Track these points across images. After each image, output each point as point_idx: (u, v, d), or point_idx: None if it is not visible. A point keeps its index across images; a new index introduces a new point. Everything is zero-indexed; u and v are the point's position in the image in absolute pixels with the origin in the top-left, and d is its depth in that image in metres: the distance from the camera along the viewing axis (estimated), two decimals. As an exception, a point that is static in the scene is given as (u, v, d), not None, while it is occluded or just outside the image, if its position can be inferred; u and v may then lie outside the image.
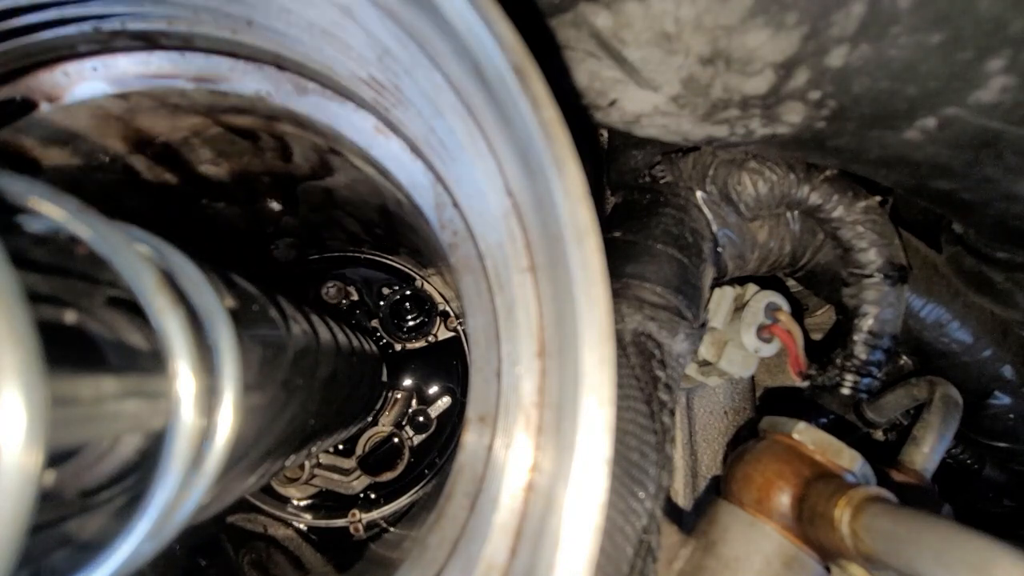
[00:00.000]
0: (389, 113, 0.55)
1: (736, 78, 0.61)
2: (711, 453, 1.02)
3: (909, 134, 0.61)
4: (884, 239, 0.82)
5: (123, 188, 0.73)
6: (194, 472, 0.37)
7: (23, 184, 0.34)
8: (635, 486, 0.64)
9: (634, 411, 0.67)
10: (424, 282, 1.32)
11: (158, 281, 0.35)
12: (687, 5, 0.55)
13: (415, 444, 1.27)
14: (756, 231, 0.88)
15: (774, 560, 0.75)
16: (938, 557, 0.56)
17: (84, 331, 0.38)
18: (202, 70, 0.60)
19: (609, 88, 0.69)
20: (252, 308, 0.54)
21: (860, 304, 0.84)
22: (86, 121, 0.63)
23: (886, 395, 0.98)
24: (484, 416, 0.48)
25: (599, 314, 0.38)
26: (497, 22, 0.41)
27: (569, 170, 0.39)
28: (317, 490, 1.24)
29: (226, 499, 0.56)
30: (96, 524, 0.39)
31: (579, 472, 0.38)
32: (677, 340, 0.75)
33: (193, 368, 0.35)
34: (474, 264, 0.51)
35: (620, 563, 0.61)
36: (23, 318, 0.24)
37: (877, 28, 0.52)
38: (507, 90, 0.41)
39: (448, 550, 0.47)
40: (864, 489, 0.69)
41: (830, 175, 0.81)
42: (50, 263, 0.38)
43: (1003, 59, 0.51)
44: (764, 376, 1.20)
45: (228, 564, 1.07)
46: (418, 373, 1.30)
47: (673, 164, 0.87)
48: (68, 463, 0.37)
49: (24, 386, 0.23)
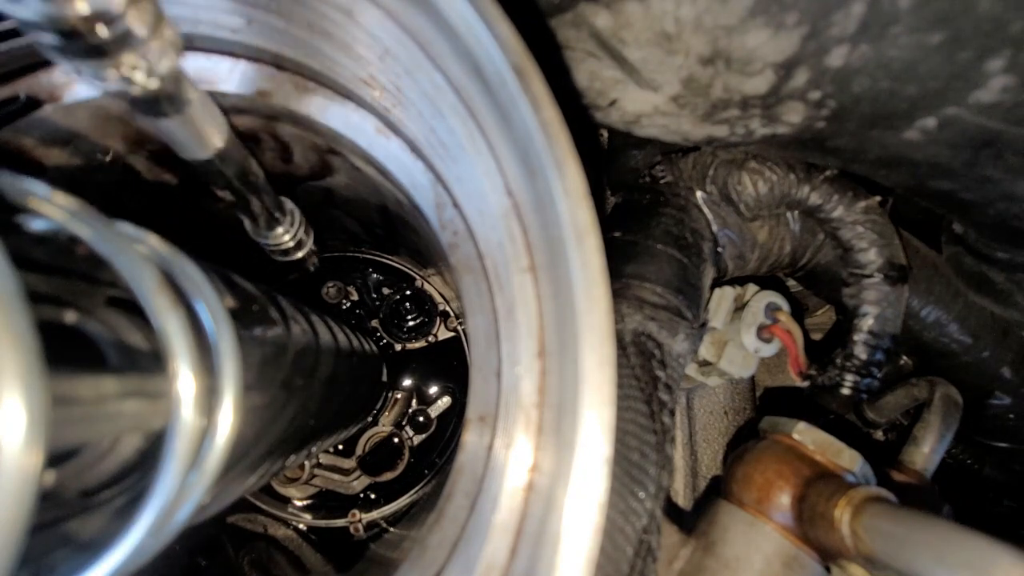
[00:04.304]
0: (389, 113, 0.55)
1: (736, 78, 0.61)
2: (711, 453, 1.02)
3: (909, 134, 0.61)
4: (884, 239, 0.82)
5: (123, 188, 0.73)
6: (194, 472, 0.37)
7: (23, 184, 0.34)
8: (635, 486, 0.64)
9: (634, 411, 0.67)
10: (424, 282, 1.32)
11: (158, 281, 0.35)
12: (687, 5, 0.55)
13: (415, 444, 1.27)
14: (756, 231, 0.88)
15: (774, 560, 0.75)
16: (938, 557, 0.56)
17: (84, 331, 0.38)
18: (202, 70, 0.60)
19: (609, 88, 0.69)
20: (252, 308, 0.54)
21: (860, 304, 0.84)
22: (86, 121, 0.63)
23: (886, 395, 0.98)
24: (484, 416, 0.48)
25: (599, 314, 0.38)
26: (497, 22, 0.41)
27: (569, 170, 0.39)
28: (317, 490, 1.24)
29: (226, 499, 0.56)
30: (96, 524, 0.39)
31: (579, 472, 0.38)
32: (677, 340, 0.75)
33: (193, 368, 0.35)
34: (474, 264, 0.51)
35: (620, 563, 0.61)
36: (23, 318, 0.24)
37: (877, 28, 0.52)
38: (507, 90, 0.41)
39: (448, 550, 0.47)
40: (864, 489, 0.69)
41: (830, 175, 0.81)
42: (50, 263, 0.38)
43: (1003, 59, 0.51)
44: (764, 376, 1.20)
45: (228, 564, 1.07)
46: (418, 373, 1.30)
47: (673, 164, 0.87)
48: (68, 463, 0.37)
49: (24, 386, 0.23)
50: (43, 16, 0.33)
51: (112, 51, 0.36)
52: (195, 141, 0.51)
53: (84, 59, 0.36)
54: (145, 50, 0.38)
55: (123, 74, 0.38)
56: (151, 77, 0.39)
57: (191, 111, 0.47)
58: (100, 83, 0.38)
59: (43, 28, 0.33)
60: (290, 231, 0.75)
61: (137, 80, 0.39)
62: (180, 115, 0.46)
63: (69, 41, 0.35)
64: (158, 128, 0.48)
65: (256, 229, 0.72)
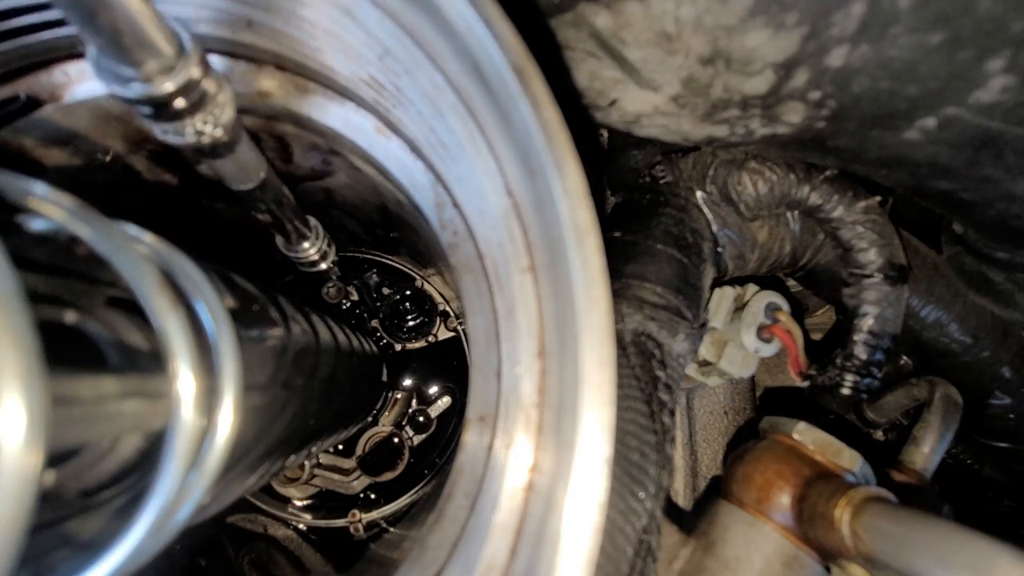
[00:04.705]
0: (389, 113, 0.55)
1: (736, 78, 0.61)
2: (711, 453, 1.02)
3: (909, 134, 0.61)
4: (884, 239, 0.82)
5: (123, 188, 0.73)
6: (194, 472, 0.37)
7: (23, 184, 0.34)
8: (635, 486, 0.64)
9: (634, 411, 0.67)
10: (424, 282, 1.32)
11: (158, 281, 0.35)
12: (687, 5, 0.55)
13: (415, 444, 1.27)
14: (756, 231, 0.88)
15: (774, 560, 0.75)
16: (938, 557, 0.56)
17: (84, 331, 0.38)
18: (202, 70, 0.60)
19: (609, 88, 0.69)
20: (252, 308, 0.54)
21: (860, 304, 0.84)
22: (86, 121, 0.63)
23: (886, 395, 0.98)
24: (484, 416, 0.48)
25: (599, 314, 0.38)
26: (497, 22, 0.41)
27: (569, 170, 0.39)
28: (317, 490, 1.24)
29: (226, 499, 0.56)
30: (96, 524, 0.39)
31: (579, 472, 0.38)
32: (677, 340, 0.75)
33: (193, 368, 0.35)
34: (474, 264, 0.51)
35: (620, 563, 0.61)
36: (23, 318, 0.24)
37: (877, 28, 0.52)
38: (507, 90, 0.41)
39: (448, 550, 0.47)
40: (864, 489, 0.69)
41: (830, 175, 0.81)
42: (50, 263, 0.38)
43: (1003, 59, 0.51)
44: (764, 376, 1.20)
45: (228, 564, 1.07)
46: (418, 373, 1.30)
47: (673, 164, 0.87)
48: (68, 463, 0.37)
49: (24, 386, 0.23)
50: (142, 95, 0.42)
51: (189, 114, 0.46)
52: (243, 175, 0.60)
53: (169, 122, 0.46)
54: (212, 108, 0.47)
55: (197, 129, 0.47)
56: (216, 128, 0.48)
57: (240, 150, 0.55)
58: (179, 138, 0.48)
59: (142, 103, 0.43)
60: (315, 244, 0.83)
61: (207, 132, 0.48)
62: (232, 154, 0.54)
63: (159, 110, 0.44)
64: (214, 167, 0.56)
65: (288, 245, 0.81)
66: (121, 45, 0.39)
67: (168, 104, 0.44)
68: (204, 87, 0.45)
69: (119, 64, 0.41)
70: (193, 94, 0.44)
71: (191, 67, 0.43)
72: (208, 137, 0.48)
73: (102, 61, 0.41)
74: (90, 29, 0.38)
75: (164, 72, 0.42)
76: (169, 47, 0.41)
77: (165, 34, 0.41)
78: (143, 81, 0.42)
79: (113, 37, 0.38)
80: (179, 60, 0.42)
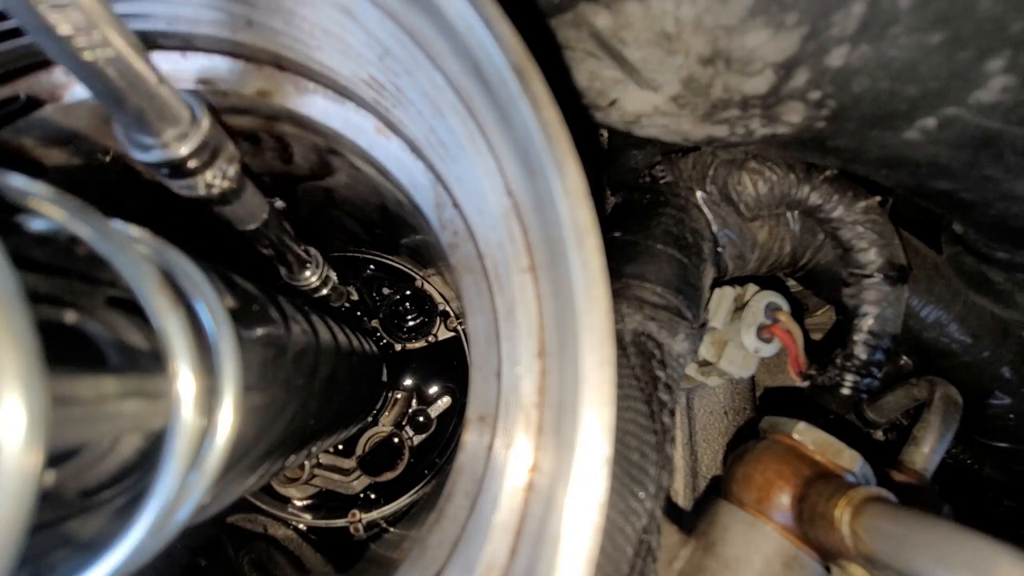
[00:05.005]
0: (389, 113, 0.55)
1: (736, 78, 0.61)
2: (711, 453, 1.02)
3: (909, 134, 0.61)
4: (884, 239, 0.82)
5: (123, 188, 0.73)
6: (194, 472, 0.37)
7: (23, 184, 0.34)
8: (635, 486, 0.64)
9: (634, 411, 0.67)
10: (424, 282, 1.32)
11: (158, 281, 0.35)
12: (687, 5, 0.55)
13: (415, 444, 1.27)
14: (756, 231, 0.88)
15: (774, 560, 0.75)
16: (938, 557, 0.56)
17: (84, 331, 0.38)
18: (202, 70, 0.60)
19: (609, 88, 0.69)
20: (252, 308, 0.54)
21: (860, 304, 0.84)
22: (86, 121, 0.63)
23: (886, 395, 0.98)
24: (484, 416, 0.48)
25: (599, 314, 0.38)
26: (497, 22, 0.41)
27: (569, 170, 0.39)
28: (317, 490, 1.24)
29: (226, 499, 0.56)
30: (96, 524, 0.39)
31: (579, 472, 0.38)
32: (677, 340, 0.75)
33: (193, 368, 0.35)
34: (474, 264, 0.51)
35: (620, 563, 0.61)
36: (23, 318, 0.24)
37: (877, 28, 0.52)
38: (507, 90, 0.41)
39: (448, 550, 0.47)
40: (864, 489, 0.69)
41: (830, 175, 0.81)
42: (50, 263, 0.38)
43: (1003, 59, 0.51)
44: (764, 376, 1.20)
45: (228, 564, 1.07)
46: (418, 373, 1.30)
47: (673, 164, 0.87)
48: (68, 463, 0.37)
49: (24, 386, 0.23)
50: (162, 160, 0.50)
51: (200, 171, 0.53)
52: (248, 217, 0.67)
53: (183, 179, 0.53)
54: (220, 164, 0.54)
55: (208, 182, 0.54)
56: (225, 180, 0.55)
57: (246, 196, 0.61)
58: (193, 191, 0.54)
59: (161, 166, 0.51)
60: (316, 272, 0.89)
61: (216, 184, 0.55)
62: (239, 200, 0.60)
63: (175, 170, 0.51)
64: (222, 212, 0.62)
65: (290, 274, 0.87)
66: (144, 121, 0.46)
67: (183, 164, 0.51)
68: (206, 154, 0.52)
69: (141, 135, 0.48)
70: (204, 154, 0.51)
71: (202, 131, 0.50)
72: (217, 188, 0.55)
73: (129, 134, 0.48)
74: (119, 111, 0.44)
75: (179, 139, 0.49)
76: (184, 116, 0.48)
77: (180, 106, 0.48)
78: (162, 147, 0.49)
79: (138, 115, 0.45)
80: (192, 127, 0.49)
